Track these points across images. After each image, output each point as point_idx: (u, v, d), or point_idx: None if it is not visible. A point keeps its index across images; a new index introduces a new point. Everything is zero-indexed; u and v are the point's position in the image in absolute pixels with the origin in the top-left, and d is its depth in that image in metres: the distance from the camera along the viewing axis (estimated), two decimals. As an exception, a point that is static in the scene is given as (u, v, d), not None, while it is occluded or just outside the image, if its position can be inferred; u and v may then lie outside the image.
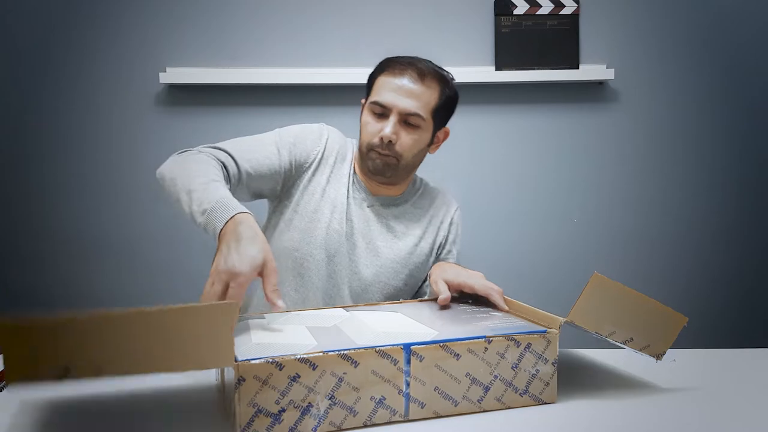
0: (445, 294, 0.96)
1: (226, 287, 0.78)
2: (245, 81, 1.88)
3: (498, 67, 1.90)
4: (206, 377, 0.84)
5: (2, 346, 0.53)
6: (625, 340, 0.82)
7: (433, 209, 1.26)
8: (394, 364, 0.70)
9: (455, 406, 0.73)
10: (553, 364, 0.78)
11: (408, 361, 0.71)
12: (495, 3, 1.91)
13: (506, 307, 0.93)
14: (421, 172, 1.29)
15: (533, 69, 1.90)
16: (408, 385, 0.71)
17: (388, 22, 1.92)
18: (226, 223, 0.87)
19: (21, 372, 0.55)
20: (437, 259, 1.24)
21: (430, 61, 1.21)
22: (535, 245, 1.96)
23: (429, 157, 1.29)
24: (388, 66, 1.18)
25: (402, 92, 1.13)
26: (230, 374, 0.67)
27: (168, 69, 1.90)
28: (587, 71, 1.90)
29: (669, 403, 0.76)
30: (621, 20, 1.93)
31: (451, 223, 1.27)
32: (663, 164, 1.97)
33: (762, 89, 1.95)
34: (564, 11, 1.90)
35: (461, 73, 1.91)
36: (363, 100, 1.21)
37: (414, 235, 1.21)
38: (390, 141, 1.11)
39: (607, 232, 1.97)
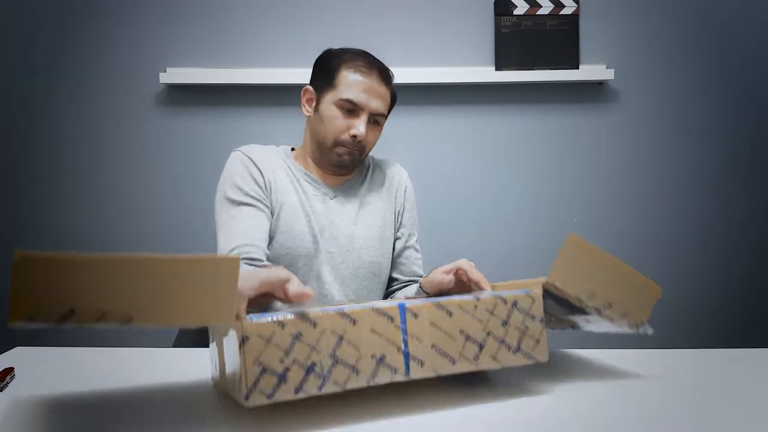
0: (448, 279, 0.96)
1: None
2: (245, 81, 1.88)
3: (498, 67, 1.90)
4: (203, 379, 0.84)
5: (15, 279, 0.54)
6: (604, 305, 0.83)
7: (388, 179, 1.32)
8: (391, 321, 0.73)
9: (453, 364, 0.75)
10: (540, 321, 0.81)
11: (404, 320, 0.74)
12: (495, 3, 1.91)
13: (479, 275, 0.95)
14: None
15: (533, 69, 1.90)
16: (406, 343, 0.74)
17: (388, 22, 1.92)
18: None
19: (27, 310, 0.55)
20: (401, 240, 1.31)
21: (381, 62, 1.26)
22: (535, 245, 1.96)
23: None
24: (349, 61, 1.20)
25: (372, 93, 1.18)
26: (231, 346, 0.69)
27: (168, 69, 1.90)
28: (587, 71, 1.90)
29: (668, 403, 0.76)
30: (621, 20, 1.93)
31: (405, 190, 1.33)
32: (663, 164, 1.97)
33: (762, 89, 1.95)
34: (564, 11, 1.90)
35: (461, 73, 1.92)
36: (309, 87, 1.24)
37: (380, 207, 1.27)
38: (361, 138, 1.18)
39: (608, 231, 1.97)
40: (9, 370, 0.82)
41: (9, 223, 1.94)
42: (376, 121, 1.21)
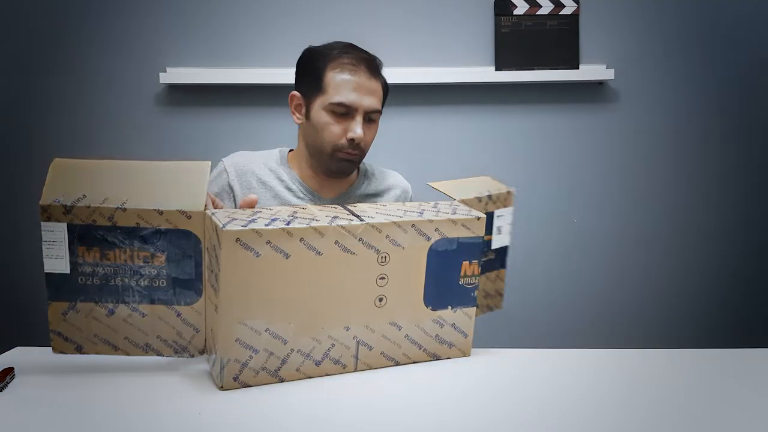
0: None
1: None
2: (245, 81, 1.88)
3: (498, 67, 1.90)
4: (203, 379, 0.84)
5: (49, 175, 0.78)
6: (488, 191, 1.02)
7: (387, 189, 1.30)
8: (336, 207, 0.90)
9: (400, 217, 0.86)
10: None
11: (346, 208, 0.89)
12: (495, 3, 1.91)
13: None
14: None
15: (533, 69, 1.90)
16: (352, 212, 0.87)
17: (388, 22, 1.92)
18: None
19: (53, 194, 0.77)
20: None
21: (366, 51, 1.21)
22: (535, 245, 1.96)
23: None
24: (334, 59, 1.14)
25: (363, 90, 1.13)
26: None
27: (168, 69, 1.90)
28: (587, 71, 1.90)
29: (667, 403, 0.76)
30: (621, 20, 1.93)
31: (408, 199, 1.32)
32: (663, 164, 1.97)
33: (763, 89, 1.95)
34: (564, 11, 1.90)
35: (461, 73, 1.92)
36: (296, 93, 1.19)
37: None
38: (360, 141, 1.14)
39: (608, 231, 1.97)
40: (9, 370, 0.82)
41: (8, 223, 1.94)
42: (371, 119, 1.17)
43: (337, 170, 1.18)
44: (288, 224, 0.78)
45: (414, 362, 0.91)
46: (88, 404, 0.75)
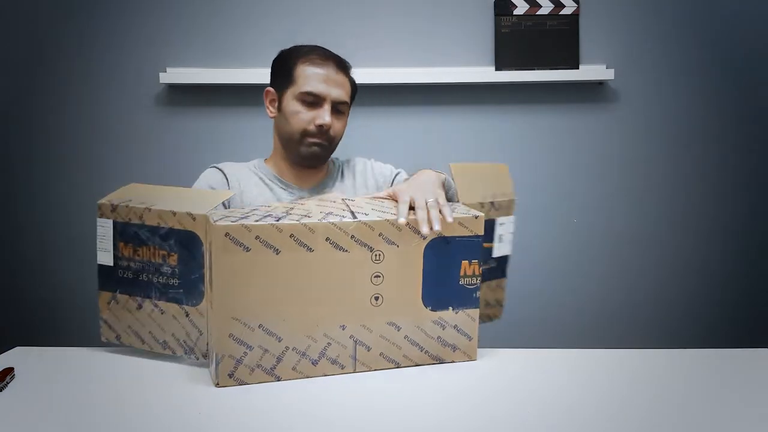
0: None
1: None
2: (245, 81, 1.88)
3: (498, 67, 1.90)
4: (203, 379, 0.84)
5: (115, 193, 0.97)
6: (493, 198, 1.02)
7: (357, 174, 1.34)
8: (334, 202, 0.91)
9: (394, 216, 0.86)
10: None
11: (344, 202, 0.91)
12: (495, 3, 1.91)
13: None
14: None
15: (533, 69, 1.90)
16: (349, 206, 0.88)
17: (388, 22, 1.92)
18: None
19: (112, 198, 0.95)
20: None
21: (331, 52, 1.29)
22: (534, 245, 1.96)
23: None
24: (304, 55, 1.24)
25: (331, 82, 1.21)
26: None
27: (168, 69, 1.90)
28: (587, 71, 1.90)
29: (667, 403, 0.76)
30: (621, 20, 1.93)
31: (372, 170, 1.35)
32: (663, 164, 1.97)
33: (763, 89, 1.95)
34: (564, 11, 1.90)
35: (461, 73, 1.92)
36: (270, 89, 1.28)
37: None
38: (328, 128, 1.21)
39: (607, 232, 1.97)
40: (9, 370, 0.82)
41: (8, 222, 1.94)
42: (339, 110, 1.23)
43: (308, 155, 1.23)
44: (278, 220, 0.80)
45: (416, 365, 0.90)
46: (87, 404, 0.75)
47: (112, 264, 0.92)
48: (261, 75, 1.89)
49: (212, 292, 0.78)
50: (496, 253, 1.04)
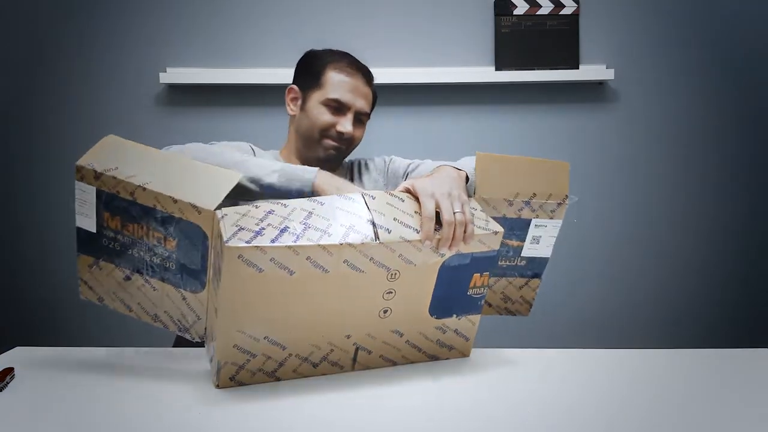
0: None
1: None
2: (245, 81, 1.88)
3: (498, 67, 1.90)
4: (203, 379, 0.84)
5: (93, 148, 0.87)
6: (530, 197, 0.94)
7: (371, 169, 1.34)
8: (353, 201, 0.83)
9: (417, 233, 0.81)
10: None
11: (365, 202, 0.83)
12: (495, 3, 1.91)
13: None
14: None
15: (533, 69, 1.90)
16: (371, 212, 0.81)
17: (388, 22, 1.92)
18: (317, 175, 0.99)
19: (88, 160, 0.84)
20: None
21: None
22: (535, 245, 1.96)
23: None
24: (335, 62, 1.25)
25: (357, 93, 1.24)
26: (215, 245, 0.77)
27: (168, 69, 1.90)
28: (587, 71, 1.90)
29: (667, 403, 0.76)
30: (621, 20, 1.93)
31: (389, 164, 1.34)
32: (663, 164, 1.97)
33: (763, 89, 1.95)
34: (564, 11, 1.90)
35: (461, 73, 1.92)
36: (294, 87, 1.28)
37: None
38: (349, 136, 1.23)
39: (607, 232, 1.97)
40: (9, 370, 0.82)
41: (7, 222, 1.94)
42: (360, 120, 1.26)
43: (325, 157, 1.24)
44: (296, 240, 0.75)
45: (411, 362, 0.90)
46: (87, 404, 0.75)
47: (94, 231, 0.85)
48: (261, 75, 1.90)
49: (218, 304, 0.76)
50: (528, 253, 1.00)
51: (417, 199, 0.86)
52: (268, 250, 0.73)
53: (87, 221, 0.85)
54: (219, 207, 0.78)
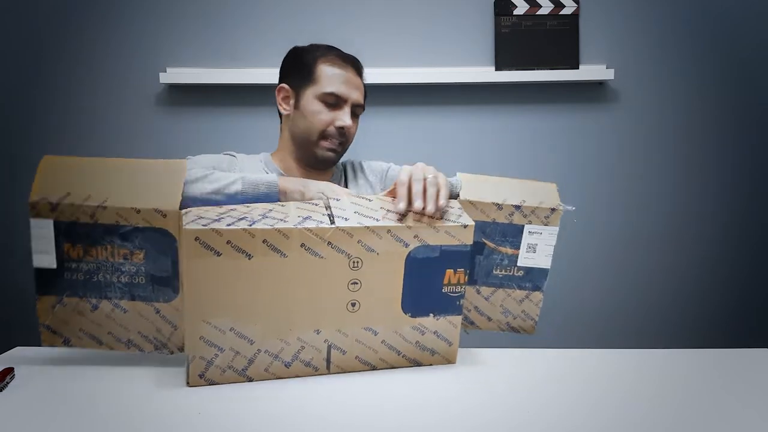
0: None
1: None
2: (245, 81, 1.88)
3: (498, 67, 1.90)
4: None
5: (38, 173, 0.81)
6: (519, 202, 0.95)
7: (368, 173, 1.32)
8: (315, 205, 0.86)
9: (377, 221, 0.83)
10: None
11: (327, 204, 0.86)
12: (495, 3, 1.91)
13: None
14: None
15: (533, 69, 1.90)
16: (329, 209, 0.84)
17: (388, 22, 1.92)
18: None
19: (40, 192, 0.80)
20: None
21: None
22: (535, 245, 1.96)
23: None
24: (324, 55, 1.22)
25: (351, 85, 1.21)
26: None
27: (168, 69, 1.90)
28: (587, 71, 1.90)
29: (667, 403, 0.76)
30: (621, 20, 1.93)
31: (387, 172, 1.33)
32: (663, 164, 1.97)
33: (763, 89, 1.95)
34: (564, 11, 1.90)
35: (461, 73, 1.92)
36: (284, 85, 1.26)
37: None
38: (348, 129, 1.21)
39: (607, 232, 1.97)
40: (9, 370, 0.82)
41: (8, 223, 1.94)
42: (355, 113, 1.23)
43: (321, 159, 1.22)
44: (252, 224, 0.77)
45: (392, 367, 0.89)
46: (87, 404, 0.75)
47: (55, 267, 0.82)
48: (261, 75, 1.90)
49: (184, 294, 0.77)
50: (524, 263, 0.98)
51: (391, 201, 0.88)
52: (224, 232, 0.76)
53: (46, 258, 0.82)
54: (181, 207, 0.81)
